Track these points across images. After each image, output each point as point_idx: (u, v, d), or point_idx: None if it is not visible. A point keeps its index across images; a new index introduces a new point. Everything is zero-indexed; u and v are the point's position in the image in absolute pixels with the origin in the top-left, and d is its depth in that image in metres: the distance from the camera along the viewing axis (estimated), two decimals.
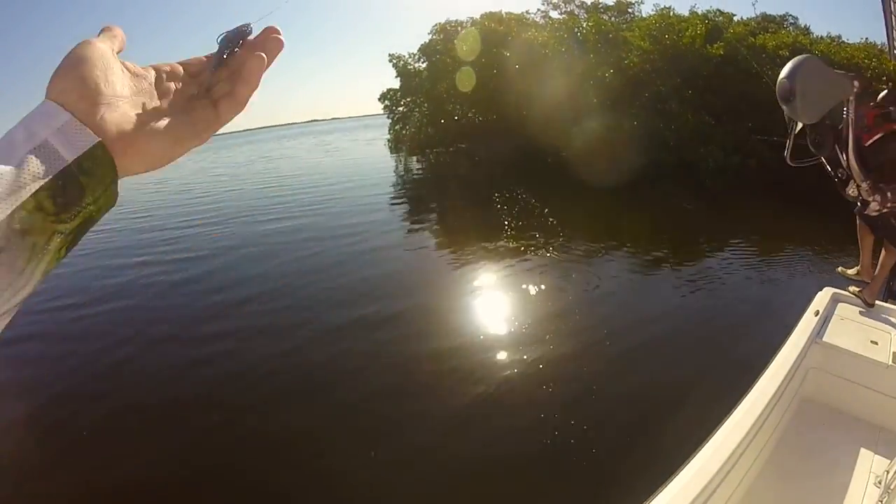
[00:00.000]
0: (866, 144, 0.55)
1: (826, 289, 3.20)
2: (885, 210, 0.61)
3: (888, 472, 2.11)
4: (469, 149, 23.20)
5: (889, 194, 0.52)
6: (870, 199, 0.56)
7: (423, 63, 26.04)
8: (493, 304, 6.48)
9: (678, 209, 11.06)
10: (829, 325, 2.85)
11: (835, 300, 3.12)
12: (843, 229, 4.39)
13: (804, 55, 0.69)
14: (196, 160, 48.79)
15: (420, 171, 21.83)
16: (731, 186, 11.69)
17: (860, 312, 3.00)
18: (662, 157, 15.24)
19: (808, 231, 8.61)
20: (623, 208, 11.92)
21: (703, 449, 1.94)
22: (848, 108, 0.49)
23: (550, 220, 10.35)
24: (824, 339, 2.69)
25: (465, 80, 21.69)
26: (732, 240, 8.62)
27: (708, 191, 12.54)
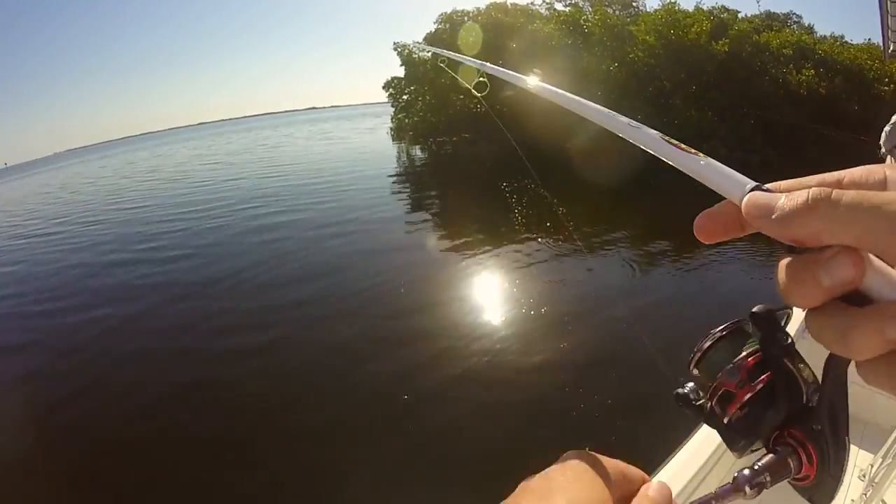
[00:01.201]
0: (739, 406, 0.40)
1: None
2: (763, 491, 0.45)
3: (872, 465, 2.14)
4: (472, 138, 23.14)
5: (767, 476, 0.37)
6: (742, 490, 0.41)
7: (428, 52, 25.84)
8: (509, 293, 6.63)
9: (679, 204, 11.10)
10: None
11: None
12: None
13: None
14: (191, 147, 48.43)
15: (423, 160, 21.82)
16: None
17: None
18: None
19: None
20: (625, 201, 11.96)
21: (688, 443, 1.96)
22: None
23: (561, 209, 10.44)
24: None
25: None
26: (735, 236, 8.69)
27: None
